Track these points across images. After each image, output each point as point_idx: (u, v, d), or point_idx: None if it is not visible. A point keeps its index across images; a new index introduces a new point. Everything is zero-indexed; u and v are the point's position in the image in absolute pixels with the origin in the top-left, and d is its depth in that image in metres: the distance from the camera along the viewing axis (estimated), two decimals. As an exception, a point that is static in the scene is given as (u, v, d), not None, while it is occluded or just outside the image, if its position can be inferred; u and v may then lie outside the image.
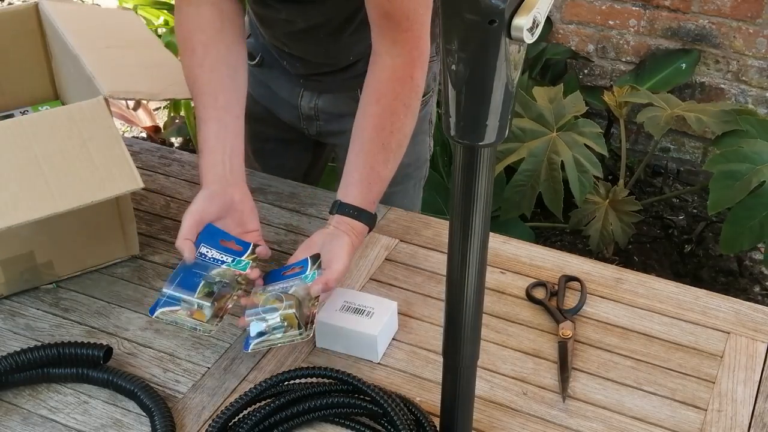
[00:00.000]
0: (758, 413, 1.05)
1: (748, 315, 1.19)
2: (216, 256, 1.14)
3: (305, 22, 1.30)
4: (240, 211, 1.18)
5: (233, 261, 1.14)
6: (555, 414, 1.05)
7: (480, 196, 0.75)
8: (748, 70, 2.75)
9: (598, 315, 1.20)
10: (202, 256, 1.13)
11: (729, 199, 2.19)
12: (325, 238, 1.15)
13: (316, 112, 1.47)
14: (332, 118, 1.47)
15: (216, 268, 1.13)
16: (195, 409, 1.06)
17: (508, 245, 1.33)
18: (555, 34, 2.98)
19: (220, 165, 1.19)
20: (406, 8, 1.13)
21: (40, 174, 1.13)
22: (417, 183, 1.58)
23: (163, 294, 1.10)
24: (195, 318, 1.09)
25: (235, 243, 1.16)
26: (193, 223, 1.14)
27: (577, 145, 2.34)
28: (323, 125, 1.49)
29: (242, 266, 1.14)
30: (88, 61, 1.30)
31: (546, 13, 0.64)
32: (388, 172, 1.19)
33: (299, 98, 1.47)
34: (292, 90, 1.47)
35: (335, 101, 1.45)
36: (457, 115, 0.70)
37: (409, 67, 1.18)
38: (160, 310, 1.08)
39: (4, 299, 1.24)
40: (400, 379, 1.10)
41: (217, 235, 1.16)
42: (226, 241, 1.16)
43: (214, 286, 1.11)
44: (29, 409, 1.07)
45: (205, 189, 1.17)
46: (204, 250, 1.14)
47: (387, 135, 1.17)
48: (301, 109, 1.48)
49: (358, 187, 1.18)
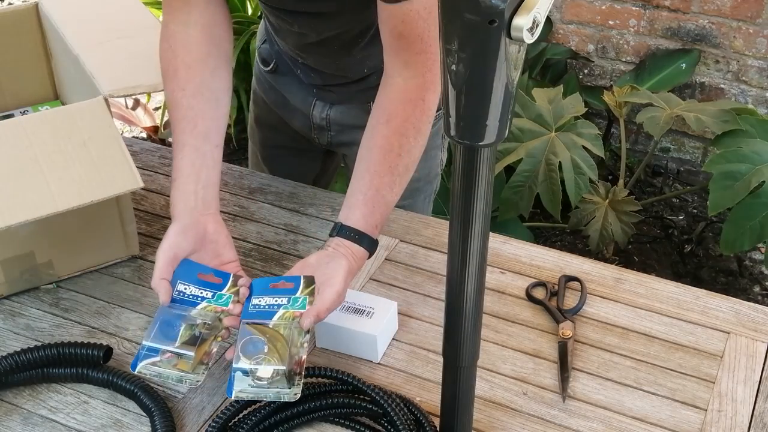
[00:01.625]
0: (758, 413, 1.05)
1: (748, 315, 1.19)
2: (195, 293, 1.08)
3: (317, 35, 1.28)
4: (215, 241, 1.13)
5: (214, 296, 1.08)
6: (555, 414, 1.05)
7: (480, 196, 0.75)
8: (748, 70, 2.75)
9: (598, 315, 1.20)
10: (180, 294, 1.07)
11: (729, 200, 2.19)
12: (321, 259, 1.09)
13: (327, 122, 1.45)
14: (344, 129, 1.45)
15: (196, 306, 1.07)
16: (195, 409, 1.06)
17: (508, 245, 1.33)
18: (555, 34, 2.98)
19: (192, 196, 1.14)
20: (421, 30, 1.09)
21: (40, 174, 1.13)
22: (427, 197, 1.55)
23: (143, 346, 1.02)
24: (179, 368, 1.02)
25: (214, 275, 1.10)
26: (167, 261, 1.08)
27: (575, 146, 2.34)
28: (334, 136, 1.47)
29: (224, 301, 1.08)
30: (88, 61, 1.30)
31: (546, 13, 0.64)
32: (393, 196, 1.14)
33: (312, 108, 1.45)
34: (305, 99, 1.45)
35: (347, 112, 1.43)
36: (457, 115, 0.70)
37: (421, 90, 1.13)
38: (142, 364, 1.01)
39: (4, 299, 1.24)
40: (400, 379, 1.10)
41: (193, 269, 1.10)
42: (204, 274, 1.10)
43: (196, 329, 1.05)
44: (29, 409, 1.07)
45: (176, 223, 1.12)
46: (182, 288, 1.08)
47: (395, 157, 1.13)
48: (313, 119, 1.46)
49: (362, 210, 1.12)
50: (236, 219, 1.39)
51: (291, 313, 1.04)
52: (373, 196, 1.12)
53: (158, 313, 1.06)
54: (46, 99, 1.57)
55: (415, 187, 1.44)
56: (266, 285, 1.08)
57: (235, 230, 1.37)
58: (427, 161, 1.44)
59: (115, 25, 1.44)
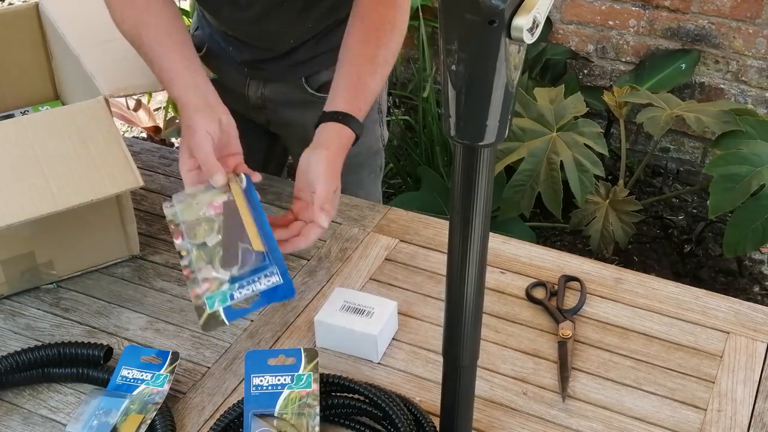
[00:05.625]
0: (758, 413, 1.05)
1: (748, 315, 1.20)
2: (137, 376, 1.06)
3: None
4: (227, 132, 1.16)
5: (152, 378, 1.06)
6: (555, 414, 1.05)
7: (480, 196, 0.75)
8: (748, 70, 2.75)
9: (598, 315, 1.20)
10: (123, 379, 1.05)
11: (729, 203, 2.19)
12: (303, 159, 1.15)
13: (263, 101, 1.49)
14: (279, 106, 1.49)
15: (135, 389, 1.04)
16: (195, 409, 1.06)
17: (508, 245, 1.33)
18: (555, 34, 2.98)
19: (200, 89, 1.16)
20: None
21: (41, 173, 1.13)
22: (373, 174, 1.58)
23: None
24: None
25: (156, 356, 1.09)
26: (211, 150, 1.12)
27: (577, 145, 2.34)
28: (271, 114, 1.51)
29: (160, 382, 1.05)
30: (88, 60, 1.30)
31: (546, 13, 0.64)
32: (375, 84, 1.18)
33: (246, 88, 1.49)
34: (238, 79, 1.48)
35: (281, 89, 1.47)
36: (457, 115, 0.70)
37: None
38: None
39: (5, 299, 1.24)
40: (400, 379, 1.10)
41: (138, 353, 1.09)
42: (146, 356, 1.09)
43: None
44: (30, 408, 1.07)
45: (197, 112, 1.13)
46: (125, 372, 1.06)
47: (373, 48, 1.17)
48: (249, 99, 1.50)
49: (343, 95, 1.16)
50: (236, 219, 1.39)
51: (297, 394, 1.00)
52: (355, 83, 1.17)
53: None
54: (47, 99, 1.58)
55: (357, 162, 1.47)
56: (264, 360, 1.03)
57: (235, 230, 1.37)
58: (366, 135, 1.47)
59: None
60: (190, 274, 1.07)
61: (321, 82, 1.45)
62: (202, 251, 1.08)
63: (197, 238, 1.09)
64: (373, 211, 1.40)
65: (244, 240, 1.08)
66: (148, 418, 1.01)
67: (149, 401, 1.02)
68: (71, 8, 1.48)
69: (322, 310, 1.14)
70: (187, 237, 1.10)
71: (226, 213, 1.12)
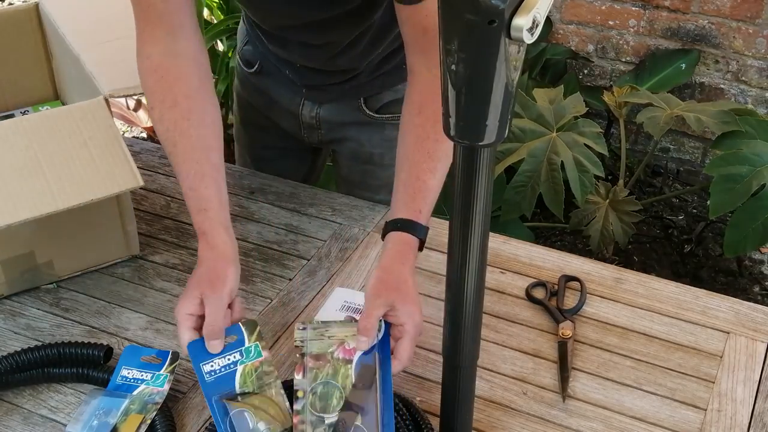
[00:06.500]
0: (758, 413, 1.05)
1: (748, 315, 1.20)
2: (137, 376, 1.06)
3: (320, 40, 1.29)
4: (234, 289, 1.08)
5: (152, 378, 1.06)
6: (555, 414, 1.05)
7: (480, 196, 0.75)
8: (748, 70, 2.75)
9: (598, 315, 1.20)
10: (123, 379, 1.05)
11: (730, 203, 2.19)
12: (379, 277, 1.06)
13: (317, 121, 1.45)
14: (334, 126, 1.45)
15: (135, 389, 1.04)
16: (195, 409, 1.06)
17: (508, 245, 1.33)
18: (555, 34, 2.98)
19: (229, 231, 1.12)
20: None
21: (41, 173, 1.13)
22: None
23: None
24: None
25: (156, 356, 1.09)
26: (225, 310, 1.05)
27: (577, 145, 2.34)
28: (325, 134, 1.47)
29: (160, 382, 1.05)
30: (88, 61, 1.30)
31: (546, 13, 0.64)
32: (435, 182, 1.11)
33: (300, 107, 1.45)
34: (293, 99, 1.45)
35: (337, 110, 1.43)
36: (457, 115, 0.70)
37: None
38: None
39: (5, 299, 1.24)
40: (400, 379, 1.10)
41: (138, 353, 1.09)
42: (146, 356, 1.08)
43: None
44: (30, 408, 1.07)
45: (229, 265, 1.07)
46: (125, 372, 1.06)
47: (432, 143, 1.11)
48: (302, 118, 1.46)
49: (402, 199, 1.10)
50: (236, 219, 1.39)
51: (251, 366, 1.01)
52: (413, 183, 1.10)
53: None
54: (47, 99, 1.58)
55: None
56: (203, 346, 1.03)
57: (236, 230, 1.35)
58: None
59: (116, 25, 1.44)
60: (299, 423, 0.98)
61: (381, 103, 1.41)
62: (317, 399, 1.00)
63: (316, 379, 1.01)
64: (373, 211, 1.40)
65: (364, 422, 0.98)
66: (148, 418, 1.01)
67: (149, 401, 1.03)
68: (71, 8, 1.48)
69: (322, 309, 1.14)
70: (309, 374, 1.01)
71: (360, 375, 1.02)
